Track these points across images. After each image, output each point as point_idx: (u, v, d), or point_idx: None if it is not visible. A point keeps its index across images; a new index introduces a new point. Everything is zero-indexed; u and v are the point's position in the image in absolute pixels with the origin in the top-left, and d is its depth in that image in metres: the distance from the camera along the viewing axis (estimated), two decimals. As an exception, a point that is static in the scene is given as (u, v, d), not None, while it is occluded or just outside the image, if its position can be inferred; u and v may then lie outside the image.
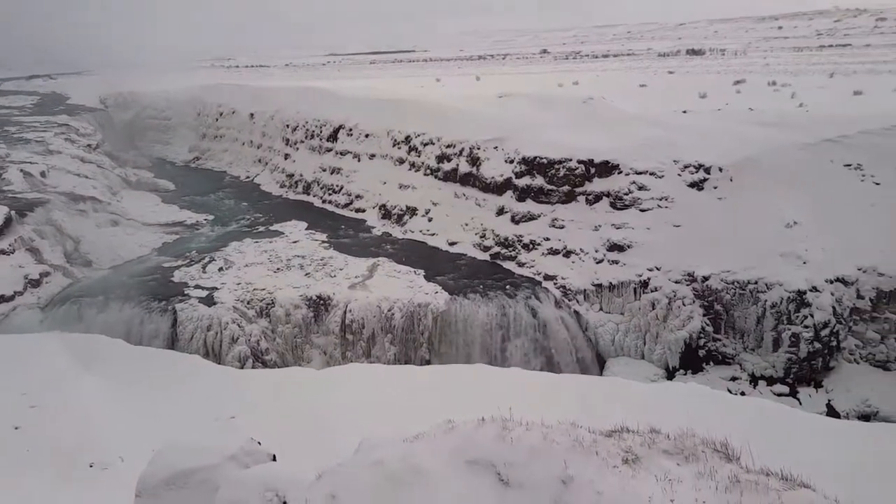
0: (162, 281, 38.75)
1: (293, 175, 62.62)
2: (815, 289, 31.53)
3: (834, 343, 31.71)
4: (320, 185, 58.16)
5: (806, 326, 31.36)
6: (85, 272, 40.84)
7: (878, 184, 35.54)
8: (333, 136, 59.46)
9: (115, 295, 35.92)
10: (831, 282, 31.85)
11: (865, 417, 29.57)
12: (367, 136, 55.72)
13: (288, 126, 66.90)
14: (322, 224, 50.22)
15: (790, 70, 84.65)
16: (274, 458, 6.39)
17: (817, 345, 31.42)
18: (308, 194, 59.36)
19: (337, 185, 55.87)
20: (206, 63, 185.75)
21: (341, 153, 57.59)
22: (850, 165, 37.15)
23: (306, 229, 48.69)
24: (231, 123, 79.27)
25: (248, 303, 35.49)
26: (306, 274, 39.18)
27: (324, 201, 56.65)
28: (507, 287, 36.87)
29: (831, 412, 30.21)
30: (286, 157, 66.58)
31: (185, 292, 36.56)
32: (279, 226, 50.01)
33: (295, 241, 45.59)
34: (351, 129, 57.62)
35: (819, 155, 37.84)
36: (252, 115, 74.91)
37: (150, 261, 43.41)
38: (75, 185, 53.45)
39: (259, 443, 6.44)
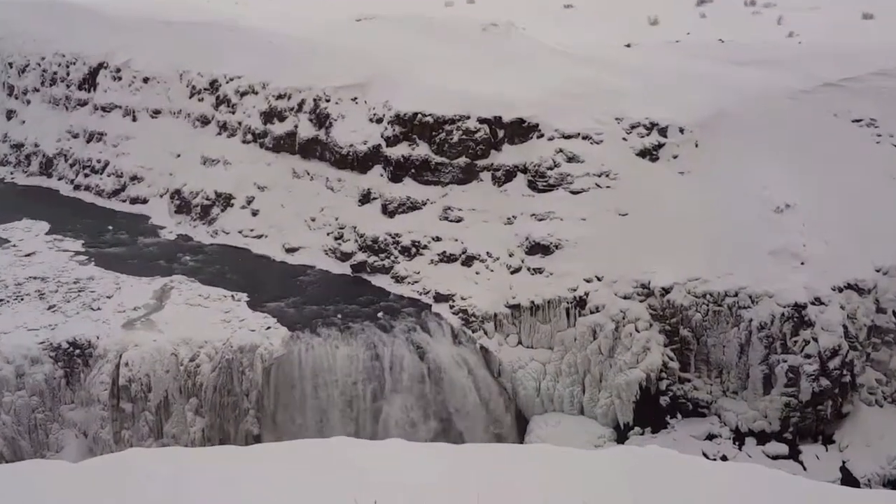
0: None
1: (22, 145, 60.26)
2: (818, 300, 33.83)
3: (847, 378, 34.14)
4: (69, 160, 56.40)
5: (808, 356, 33.56)
6: None
7: (898, 147, 38.76)
8: (90, 82, 57.90)
9: None
10: (840, 289, 34.29)
11: (895, 484, 32.48)
12: (146, 80, 54.84)
13: (11, 65, 64.33)
14: (75, 224, 48.46)
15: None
16: None
17: (825, 382, 33.62)
18: (49, 175, 57.28)
19: (98, 161, 54.39)
20: None
21: (104, 108, 56.09)
22: (860, 121, 40.27)
23: (48, 233, 47.04)
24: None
25: (-53, 359, 33.39)
26: (51, 307, 37.61)
27: (77, 187, 54.83)
28: (380, 315, 37.06)
29: (847, 478, 32.61)
30: (10, 115, 63.54)
31: None
32: (1, 229, 47.66)
33: (29, 254, 43.82)
34: (119, 70, 56.30)
35: (817, 107, 40.68)
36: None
37: None
38: None
39: None
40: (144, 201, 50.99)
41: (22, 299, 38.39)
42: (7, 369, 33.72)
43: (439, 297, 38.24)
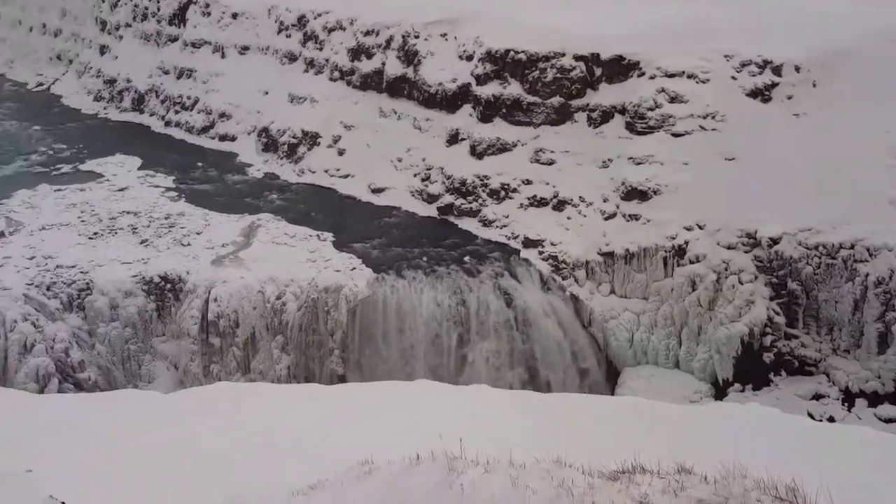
0: None
1: (115, 81, 61.18)
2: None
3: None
4: (160, 96, 57.08)
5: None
6: None
7: None
8: (180, 17, 58.25)
9: None
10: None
11: None
12: (234, 15, 55.06)
13: (104, 0, 65.60)
14: (166, 160, 49.13)
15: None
16: None
17: (944, 341, 31.93)
18: (141, 112, 58.12)
19: (189, 98, 54.90)
20: None
21: (194, 44, 56.45)
22: None
23: (140, 168, 47.83)
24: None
25: (49, 288, 34.63)
26: (143, 241, 38.46)
27: (167, 123, 55.52)
28: (467, 259, 36.56)
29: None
30: (103, 50, 64.66)
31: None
32: (95, 163, 48.73)
33: (122, 189, 44.75)
34: (208, 5, 56.61)
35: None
36: (44, -19, 73.37)
37: None
38: None
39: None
40: (233, 139, 51.40)
41: (116, 233, 39.33)
42: (102, 301, 34.73)
43: (528, 243, 37.59)
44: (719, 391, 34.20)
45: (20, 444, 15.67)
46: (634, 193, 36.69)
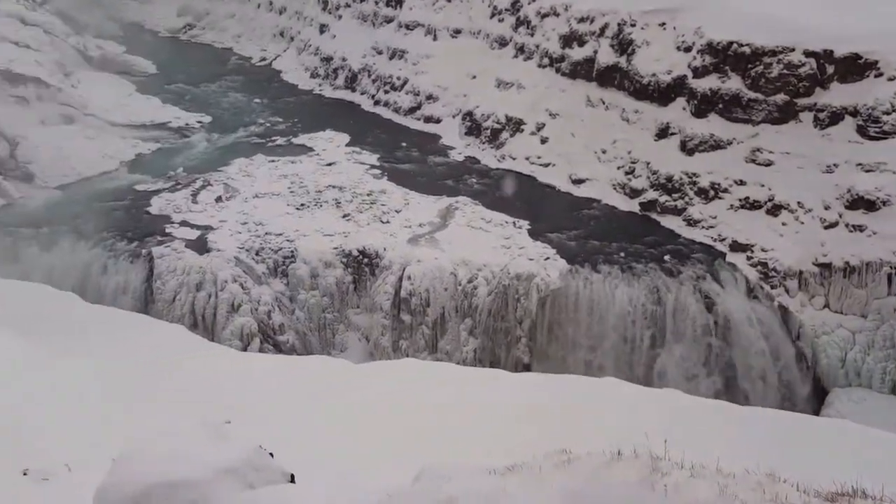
0: (134, 211, 40.04)
1: (331, 59, 63.26)
2: None
3: None
4: (372, 76, 58.50)
5: None
6: (24, 190, 42.82)
7: None
8: (397, -1, 59.89)
9: (66, 227, 37.39)
10: None
11: None
12: (449, -2, 55.60)
13: None
14: (372, 138, 50.46)
15: None
16: (292, 480, 6.71)
17: None
18: (353, 90, 59.82)
19: (398, 79, 56.01)
20: None
21: (408, 26, 57.59)
22: None
23: (348, 145, 49.29)
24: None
25: (258, 253, 36.52)
26: (345, 215, 39.79)
27: (377, 102, 56.90)
28: (667, 258, 35.74)
29: None
30: (322, 29, 66.99)
31: (167, 231, 37.68)
32: (307, 137, 50.79)
33: (330, 164, 46.33)
34: (426, -14, 57.47)
35: None
36: (273, -40, 76.34)
37: (118, 179, 44.87)
38: (12, 60, 56.22)
39: (271, 454, 6.67)
40: (437, 121, 52.21)
41: (321, 206, 40.97)
42: (304, 269, 36.43)
43: (735, 246, 36.12)
44: (943, 426, 31.29)
45: (224, 396, 16.51)
46: (861, 202, 34.48)
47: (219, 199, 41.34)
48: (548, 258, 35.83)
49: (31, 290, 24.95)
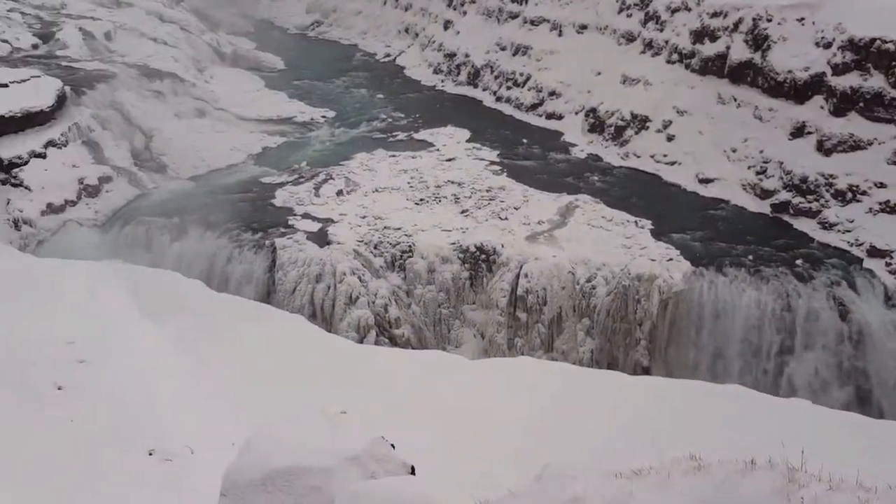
0: (259, 203, 41.32)
1: (454, 55, 63.87)
2: None
3: None
4: (495, 72, 58.71)
5: None
6: (157, 180, 44.80)
7: None
8: (523, -7, 59.63)
9: (195, 217, 38.86)
10: None
11: None
12: (578, -8, 55.13)
13: None
14: (493, 134, 50.58)
15: None
16: (413, 471, 6.80)
17: None
18: (475, 86, 60.21)
19: (521, 75, 56.00)
20: None
21: (533, 22, 57.51)
22: None
23: (468, 141, 49.53)
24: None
25: (376, 247, 37.02)
26: (463, 211, 39.96)
27: (499, 98, 57.07)
28: (798, 262, 34.37)
29: None
30: (447, 25, 67.71)
31: (290, 222, 38.75)
32: (428, 133, 51.34)
33: (450, 159, 46.64)
34: (553, -19, 57.17)
35: None
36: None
37: (245, 171, 46.59)
38: (150, 55, 59.21)
39: (393, 445, 6.87)
40: (559, 117, 51.80)
41: (440, 201, 41.26)
42: (421, 264, 36.71)
43: (874, 252, 34.40)
44: None
45: (344, 387, 16.78)
46: None
47: (340, 193, 42.16)
48: (671, 259, 35.02)
49: (162, 277, 25.94)
